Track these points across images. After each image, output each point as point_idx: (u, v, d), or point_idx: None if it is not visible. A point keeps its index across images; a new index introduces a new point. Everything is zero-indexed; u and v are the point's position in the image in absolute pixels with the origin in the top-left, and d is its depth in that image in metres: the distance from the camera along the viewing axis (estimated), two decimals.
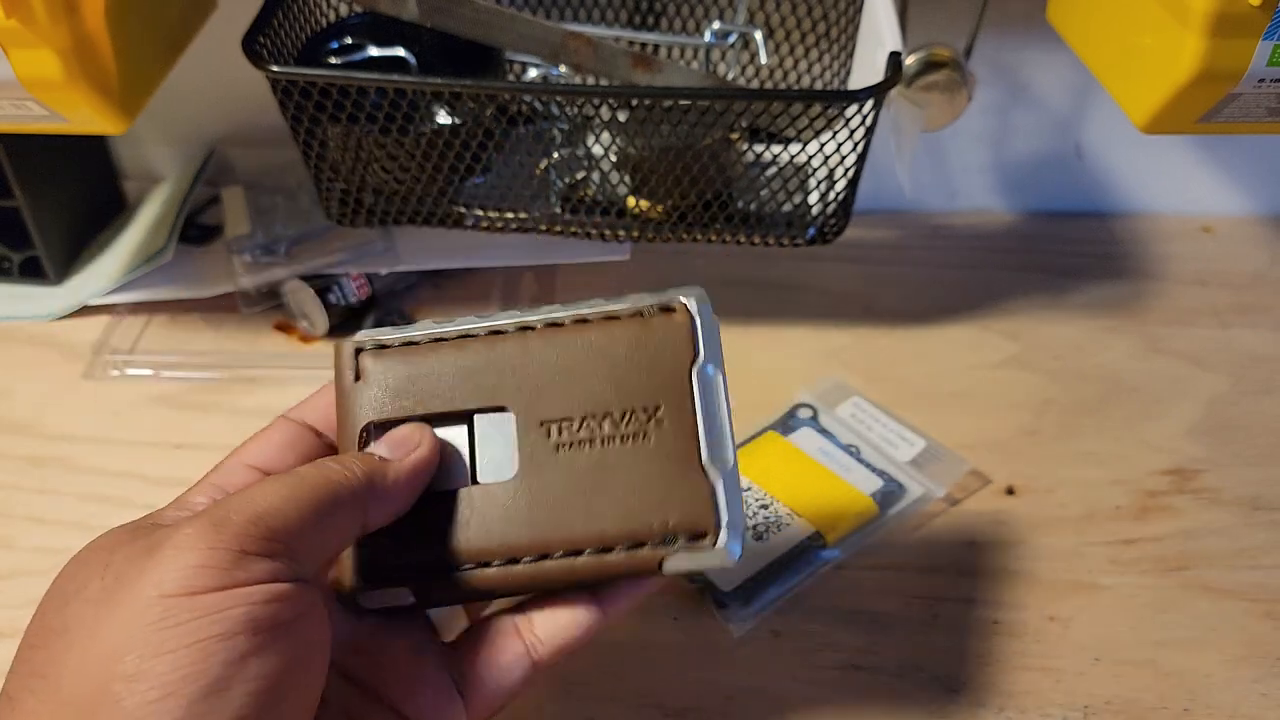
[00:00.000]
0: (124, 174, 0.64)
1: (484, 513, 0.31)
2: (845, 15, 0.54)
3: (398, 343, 0.32)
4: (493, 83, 0.45)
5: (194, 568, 0.25)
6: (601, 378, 0.31)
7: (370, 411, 0.32)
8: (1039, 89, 0.62)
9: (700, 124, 0.45)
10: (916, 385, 0.52)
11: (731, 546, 0.30)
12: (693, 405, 0.31)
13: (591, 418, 0.31)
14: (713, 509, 0.30)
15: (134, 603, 0.24)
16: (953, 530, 0.45)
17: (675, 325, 0.32)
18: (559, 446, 0.31)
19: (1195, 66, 0.38)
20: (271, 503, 0.27)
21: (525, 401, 0.31)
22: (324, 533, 0.28)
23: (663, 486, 0.30)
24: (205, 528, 0.26)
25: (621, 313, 0.32)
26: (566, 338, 0.32)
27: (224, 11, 0.52)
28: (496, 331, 0.32)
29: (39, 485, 0.48)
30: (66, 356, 0.54)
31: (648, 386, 0.31)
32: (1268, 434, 0.50)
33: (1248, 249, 0.63)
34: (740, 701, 0.39)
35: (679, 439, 0.31)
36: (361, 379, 0.32)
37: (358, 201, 0.50)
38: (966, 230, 0.64)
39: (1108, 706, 0.39)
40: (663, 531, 0.30)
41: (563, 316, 0.32)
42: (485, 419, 0.32)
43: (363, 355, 0.32)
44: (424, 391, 0.32)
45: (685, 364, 0.31)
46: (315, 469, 0.29)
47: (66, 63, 0.40)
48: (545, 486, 0.31)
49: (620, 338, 0.32)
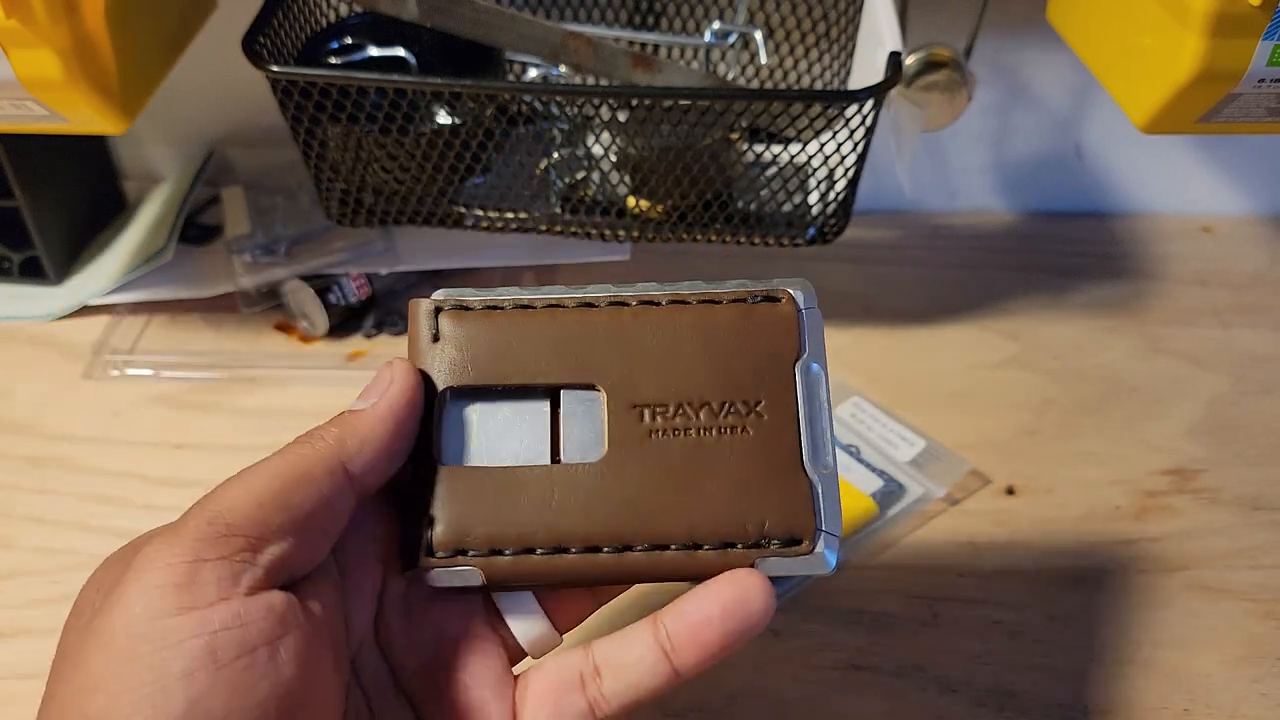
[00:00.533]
0: (124, 174, 0.64)
1: (566, 494, 0.28)
2: (845, 15, 0.54)
3: (480, 305, 0.30)
4: (493, 83, 0.45)
5: (155, 588, 0.23)
6: (700, 364, 0.29)
7: (447, 376, 0.29)
8: (1039, 89, 0.62)
9: (700, 124, 0.45)
10: (916, 385, 0.52)
11: (828, 554, 0.28)
12: (795, 402, 0.29)
13: (688, 405, 0.29)
14: (812, 513, 0.28)
15: (105, 633, 0.23)
16: (953, 530, 0.45)
17: (780, 316, 0.30)
18: (651, 433, 0.29)
19: (1195, 66, 0.38)
20: (229, 496, 0.25)
21: (616, 381, 0.29)
22: (297, 513, 0.26)
23: (760, 485, 0.28)
24: (163, 542, 0.24)
25: (722, 296, 0.30)
26: (663, 318, 0.30)
27: (224, 11, 0.52)
28: (588, 304, 0.30)
29: (39, 485, 0.48)
30: (66, 356, 0.54)
31: (749, 379, 0.29)
32: (1268, 434, 0.50)
33: (1248, 249, 0.63)
34: (740, 701, 0.39)
35: (780, 437, 0.29)
36: (440, 340, 0.30)
37: (358, 201, 0.50)
38: (966, 230, 0.64)
39: (1108, 706, 0.39)
40: (757, 533, 0.28)
41: (659, 295, 0.30)
42: (572, 396, 0.30)
43: (443, 315, 0.30)
44: (508, 359, 0.29)
45: (789, 358, 0.30)
46: (280, 455, 0.27)
47: (66, 63, 0.40)
48: (634, 473, 0.28)
49: (721, 323, 0.30)
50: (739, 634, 0.27)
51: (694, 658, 0.28)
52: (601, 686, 0.28)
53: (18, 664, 0.40)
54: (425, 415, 0.29)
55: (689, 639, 0.27)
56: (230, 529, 0.24)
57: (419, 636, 0.30)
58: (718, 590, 0.27)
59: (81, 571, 0.45)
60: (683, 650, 0.28)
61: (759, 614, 0.27)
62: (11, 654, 0.40)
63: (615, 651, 0.29)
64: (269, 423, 0.51)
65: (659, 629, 0.28)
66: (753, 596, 0.27)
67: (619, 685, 0.28)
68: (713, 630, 0.27)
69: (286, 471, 0.26)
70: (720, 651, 0.27)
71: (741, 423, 0.29)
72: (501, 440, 0.30)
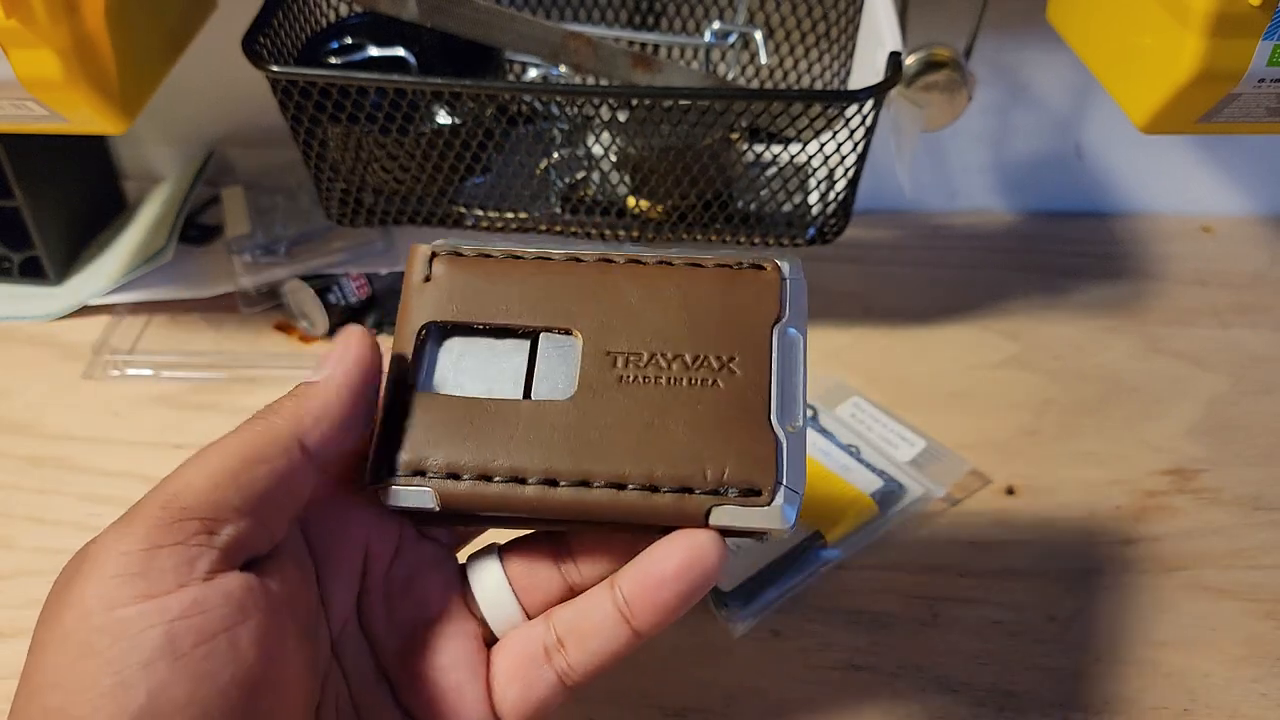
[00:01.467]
0: (124, 174, 0.64)
1: (530, 428, 0.29)
2: (845, 15, 0.54)
3: (474, 254, 0.31)
4: (493, 83, 0.45)
5: (110, 579, 0.23)
6: (678, 320, 0.30)
7: (431, 312, 0.30)
8: (1039, 89, 0.62)
9: (700, 124, 0.45)
10: (916, 385, 0.52)
11: (786, 509, 0.28)
12: (769, 362, 0.29)
13: (661, 355, 0.30)
14: (773, 467, 0.28)
15: (62, 627, 0.23)
16: (953, 530, 0.45)
17: (764, 282, 0.31)
18: (622, 378, 0.29)
19: (1195, 66, 0.38)
20: (182, 478, 0.25)
21: (594, 329, 0.30)
22: (252, 492, 0.25)
23: (724, 435, 0.28)
24: (118, 530, 0.24)
25: (708, 262, 0.31)
26: (647, 276, 0.31)
27: (224, 11, 0.52)
28: (576, 259, 0.31)
29: (39, 485, 0.48)
30: (66, 356, 0.54)
31: (725, 336, 0.30)
32: (1268, 434, 0.50)
33: (1248, 249, 0.63)
34: (740, 701, 0.39)
35: (750, 392, 0.29)
36: (431, 281, 0.31)
37: (358, 201, 0.50)
38: (966, 230, 0.64)
39: (1108, 706, 0.39)
40: (716, 480, 0.28)
41: (647, 256, 0.31)
42: (550, 339, 0.30)
43: (437, 259, 0.31)
44: (490, 302, 0.30)
45: (768, 320, 0.30)
46: (235, 433, 0.27)
47: (66, 63, 0.40)
48: (600, 413, 0.29)
49: (704, 285, 0.30)
50: (693, 592, 0.28)
51: (651, 618, 0.28)
52: (567, 656, 0.29)
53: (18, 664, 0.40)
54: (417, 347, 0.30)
55: (646, 601, 0.28)
56: (185, 512, 0.24)
57: (399, 618, 0.30)
58: (670, 550, 0.28)
59: None
60: (640, 612, 0.28)
61: (712, 570, 0.27)
62: (11, 654, 0.40)
63: (575, 620, 0.29)
64: None
65: (615, 593, 0.28)
66: (706, 554, 0.27)
67: (583, 654, 0.29)
68: (668, 590, 0.27)
69: (242, 450, 0.26)
70: (677, 610, 0.28)
71: (713, 376, 0.29)
72: (477, 374, 0.30)
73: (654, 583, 0.28)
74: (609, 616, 0.28)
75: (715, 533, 0.28)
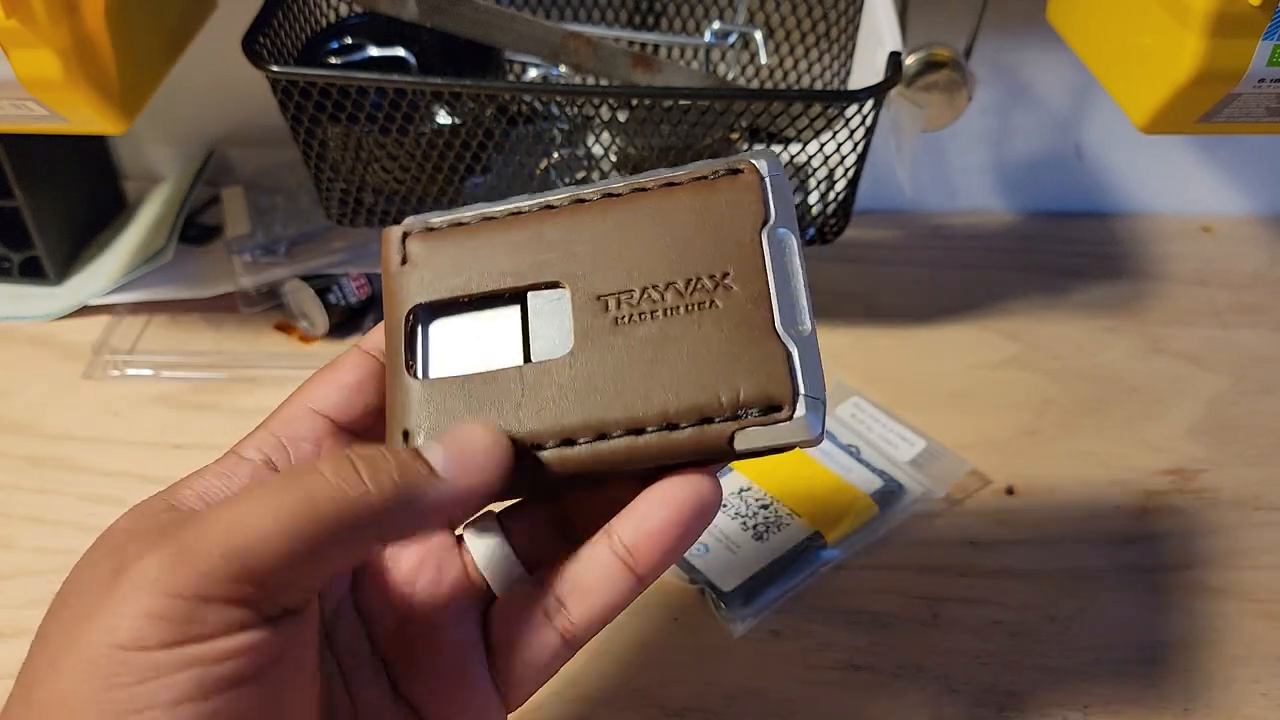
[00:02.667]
0: (124, 174, 0.64)
1: (536, 392, 0.28)
2: (845, 15, 0.54)
3: (446, 225, 0.30)
4: (493, 83, 0.45)
5: (145, 617, 0.22)
6: (663, 246, 0.29)
7: (418, 294, 0.29)
8: (1039, 89, 0.62)
9: (700, 124, 0.45)
10: (916, 385, 0.52)
11: (811, 418, 0.27)
12: (764, 269, 0.28)
13: (653, 289, 0.28)
14: (788, 377, 0.27)
15: (88, 648, 0.22)
16: (953, 530, 0.45)
17: (743, 186, 0.29)
18: (618, 320, 0.28)
19: (1195, 66, 0.38)
20: (256, 532, 0.22)
21: (581, 276, 0.29)
22: (320, 565, 0.24)
23: (731, 355, 0.27)
24: (167, 562, 0.22)
25: (683, 179, 0.29)
26: (624, 208, 0.29)
27: (224, 11, 0.52)
28: (548, 206, 0.30)
29: (39, 485, 0.48)
30: (66, 356, 0.54)
31: (714, 252, 0.28)
32: (1268, 434, 0.50)
33: (1248, 249, 0.63)
34: (740, 701, 0.39)
35: (750, 305, 0.28)
36: (408, 263, 0.30)
37: (358, 201, 0.50)
38: (966, 230, 0.64)
39: (1108, 707, 0.39)
40: (733, 404, 0.27)
41: (620, 187, 0.30)
42: (539, 296, 0.29)
43: (410, 239, 0.30)
44: (473, 271, 0.29)
45: (755, 226, 0.28)
46: (330, 482, 0.24)
47: (66, 63, 0.40)
48: (603, 362, 0.28)
49: (683, 203, 0.29)
50: (694, 529, 0.27)
51: (655, 562, 0.27)
52: (569, 615, 0.28)
53: (18, 664, 0.40)
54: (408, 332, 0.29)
55: (648, 545, 0.27)
56: (246, 573, 0.22)
57: (393, 594, 0.29)
58: (667, 490, 0.27)
59: None
60: (643, 558, 0.27)
61: (710, 505, 0.27)
62: (11, 654, 0.40)
63: (575, 576, 0.28)
64: None
65: (614, 541, 0.28)
66: (702, 487, 0.27)
67: (586, 608, 0.28)
68: (670, 533, 0.27)
69: (328, 522, 0.23)
70: (679, 551, 0.27)
71: (709, 297, 0.28)
72: (473, 349, 0.29)
73: (655, 527, 0.27)
74: (610, 567, 0.28)
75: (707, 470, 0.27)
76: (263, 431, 0.29)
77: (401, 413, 0.29)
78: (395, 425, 0.29)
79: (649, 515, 0.27)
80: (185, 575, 0.22)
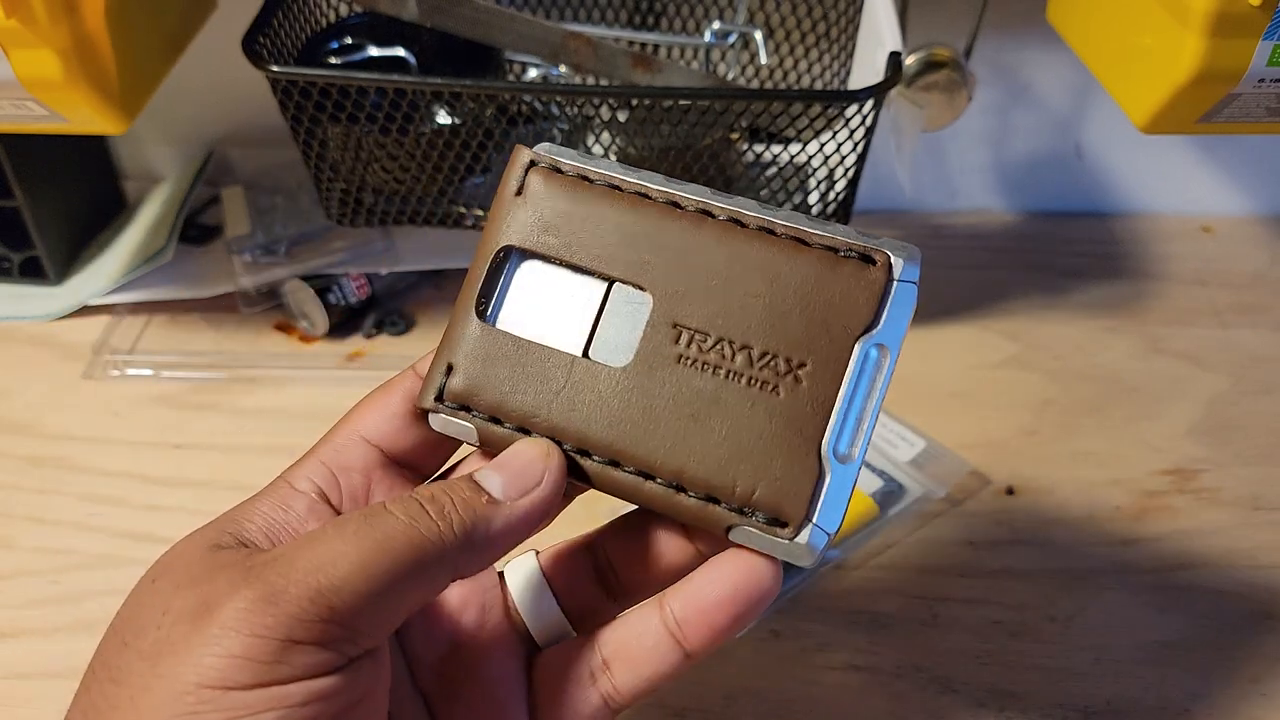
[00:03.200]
0: (124, 174, 0.64)
1: (577, 390, 0.28)
2: (845, 15, 0.54)
3: (572, 172, 0.29)
4: (493, 83, 0.45)
5: (234, 659, 0.22)
6: (760, 306, 0.27)
7: (515, 235, 0.29)
8: (1039, 89, 0.62)
9: (700, 124, 0.45)
10: (916, 385, 0.52)
11: (811, 547, 0.26)
12: (842, 378, 0.27)
13: (729, 343, 0.27)
14: (808, 501, 0.26)
15: (172, 684, 0.22)
16: (953, 530, 0.45)
17: (865, 281, 0.27)
18: (681, 358, 0.27)
19: (1195, 66, 0.38)
20: (339, 573, 0.23)
21: (670, 292, 0.28)
22: (400, 604, 0.24)
23: (766, 453, 0.26)
24: (257, 605, 0.22)
25: (815, 239, 0.28)
26: (742, 243, 0.28)
27: (224, 11, 0.52)
28: (674, 203, 0.29)
29: (39, 485, 0.48)
30: (66, 356, 0.54)
31: (804, 337, 0.27)
32: (1268, 434, 0.50)
33: (1248, 249, 0.63)
34: (740, 701, 0.39)
35: (809, 409, 0.26)
36: (523, 194, 0.29)
37: (358, 201, 0.50)
38: (966, 230, 0.64)
39: (1108, 706, 0.39)
40: (744, 500, 0.26)
41: (750, 217, 0.28)
42: (622, 291, 0.28)
43: (533, 171, 0.29)
44: (575, 237, 0.28)
45: (856, 329, 0.27)
46: (403, 523, 0.24)
47: (66, 63, 0.40)
48: (649, 394, 0.27)
49: (800, 270, 0.27)
50: (748, 615, 0.27)
51: (705, 641, 0.27)
52: (613, 679, 0.28)
53: (18, 664, 0.40)
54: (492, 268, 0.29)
55: (700, 622, 0.27)
56: (333, 615, 0.23)
57: (436, 629, 0.29)
58: (724, 571, 0.27)
59: (81, 572, 0.45)
60: (693, 635, 0.27)
61: (767, 594, 0.27)
62: (11, 654, 0.40)
63: (624, 642, 0.28)
64: (269, 423, 0.51)
65: (666, 613, 0.27)
66: (763, 574, 0.27)
67: (631, 676, 0.28)
68: (722, 613, 0.27)
69: (404, 560, 0.24)
70: (731, 633, 0.27)
71: (777, 380, 0.27)
72: (544, 314, 0.29)
73: (709, 604, 0.27)
74: (660, 638, 0.27)
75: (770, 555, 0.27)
76: (313, 460, 0.28)
77: (453, 345, 0.29)
78: (443, 354, 0.29)
79: (703, 593, 0.27)
80: (275, 618, 0.22)
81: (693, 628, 0.27)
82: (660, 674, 0.28)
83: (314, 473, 0.28)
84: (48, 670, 0.40)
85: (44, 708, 0.39)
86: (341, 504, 0.28)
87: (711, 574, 0.27)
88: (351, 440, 0.29)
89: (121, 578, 0.43)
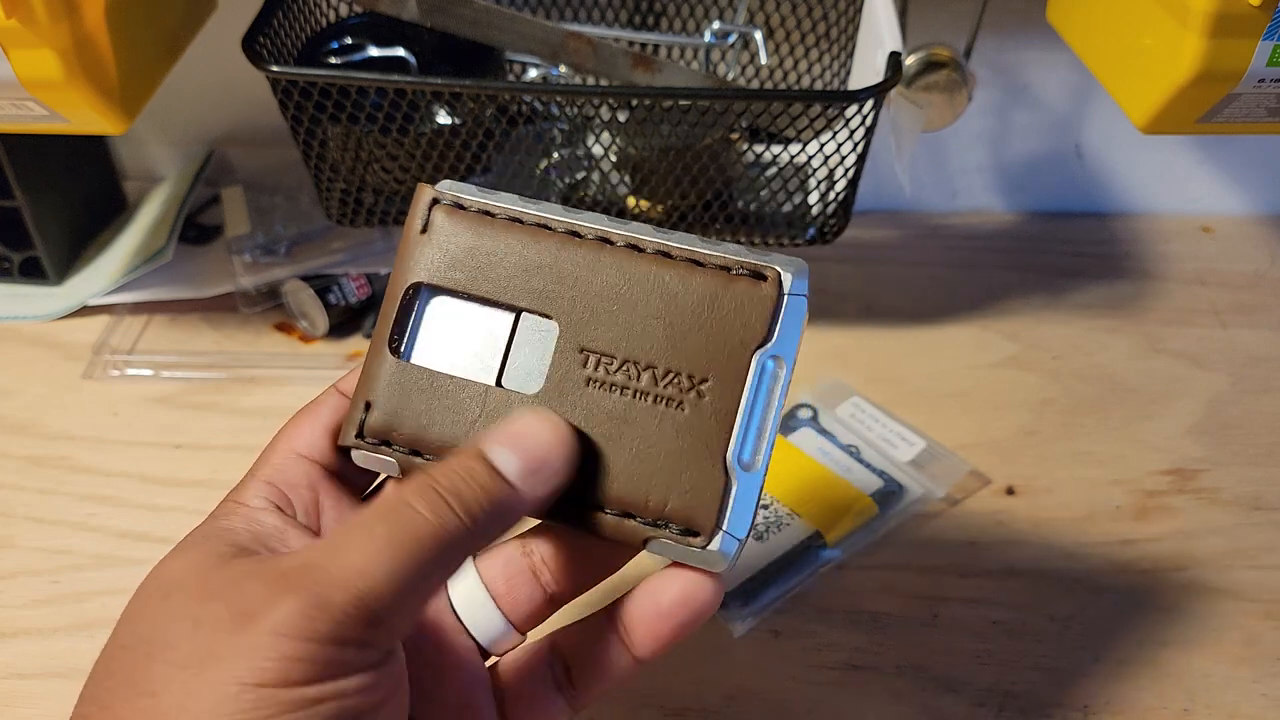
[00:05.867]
0: (124, 174, 0.64)
1: (492, 419, 0.29)
2: (845, 15, 0.54)
3: (475, 208, 0.30)
4: (493, 83, 0.45)
5: (289, 660, 0.23)
6: (661, 327, 0.28)
7: (423, 272, 0.30)
8: (1039, 89, 0.62)
9: (700, 124, 0.45)
10: (916, 385, 0.52)
11: (722, 554, 0.27)
12: (741, 392, 0.28)
13: (634, 364, 0.28)
14: (717, 510, 0.27)
15: (225, 686, 0.23)
16: (953, 530, 0.45)
17: (757, 297, 0.28)
18: (590, 381, 0.29)
19: (1195, 66, 0.38)
20: (377, 577, 0.24)
21: (575, 319, 0.29)
22: (427, 595, 0.25)
23: (674, 468, 0.28)
24: (305, 611, 0.23)
25: (708, 260, 0.29)
26: (641, 267, 0.29)
27: (224, 11, 0.52)
28: (574, 232, 0.30)
29: (39, 485, 0.48)
30: (66, 356, 0.54)
31: (703, 354, 0.28)
32: (1268, 434, 0.50)
33: (1248, 249, 0.63)
34: (740, 701, 0.39)
35: (712, 422, 0.28)
36: (428, 232, 0.30)
37: (358, 201, 0.50)
38: (966, 230, 0.64)
39: (1108, 706, 0.39)
40: (657, 513, 0.28)
41: (647, 242, 0.29)
42: (530, 321, 0.29)
43: (436, 208, 0.30)
44: (481, 271, 0.30)
45: (751, 344, 0.28)
46: (431, 522, 0.25)
47: (66, 63, 0.40)
48: (562, 417, 0.28)
49: (696, 290, 0.28)
50: (693, 623, 0.28)
51: (650, 648, 0.29)
52: (574, 682, 0.30)
53: (18, 664, 0.40)
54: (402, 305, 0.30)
55: (645, 631, 0.28)
56: (374, 617, 0.24)
57: None
58: (667, 585, 0.28)
59: (81, 572, 0.45)
60: (640, 641, 0.29)
61: (707, 607, 0.28)
62: (11, 654, 0.40)
63: (579, 648, 0.30)
64: (269, 423, 0.50)
65: (615, 621, 0.29)
66: (703, 586, 0.28)
67: (589, 679, 0.30)
68: (665, 623, 0.28)
69: (433, 556, 0.25)
70: (675, 640, 0.29)
71: (680, 397, 0.28)
72: (456, 347, 0.30)
73: (653, 615, 0.28)
74: (613, 645, 0.29)
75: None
76: (257, 481, 0.29)
77: (370, 383, 0.29)
78: (361, 392, 0.30)
79: (647, 605, 0.29)
80: (325, 621, 0.23)
81: (638, 635, 0.29)
82: (615, 676, 0.29)
83: (262, 492, 0.29)
84: (48, 670, 0.40)
85: (44, 708, 0.39)
86: (297, 519, 0.29)
87: (654, 586, 0.28)
88: (290, 459, 0.29)
89: (121, 578, 0.43)
